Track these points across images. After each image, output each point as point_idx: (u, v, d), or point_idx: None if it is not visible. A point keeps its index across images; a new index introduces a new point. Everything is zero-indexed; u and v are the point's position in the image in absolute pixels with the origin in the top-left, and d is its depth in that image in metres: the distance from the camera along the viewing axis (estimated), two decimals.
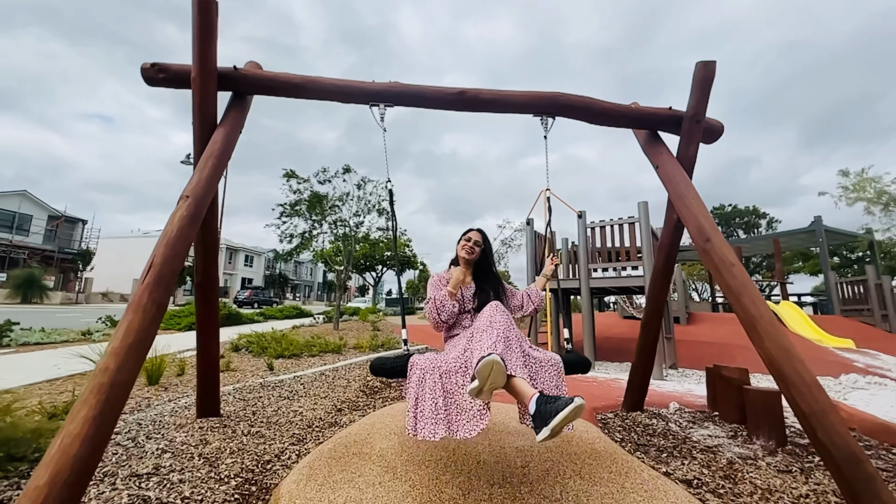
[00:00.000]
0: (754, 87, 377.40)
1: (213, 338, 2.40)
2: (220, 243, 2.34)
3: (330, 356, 5.45)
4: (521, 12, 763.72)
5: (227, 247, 42.53)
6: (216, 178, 1.99)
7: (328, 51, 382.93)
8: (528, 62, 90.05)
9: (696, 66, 2.47)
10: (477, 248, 2.16)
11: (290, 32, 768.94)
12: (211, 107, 2.14)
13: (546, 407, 1.33)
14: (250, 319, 11.84)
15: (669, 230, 2.70)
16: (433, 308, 1.97)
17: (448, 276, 2.16)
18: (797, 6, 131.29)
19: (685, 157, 2.56)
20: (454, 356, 1.68)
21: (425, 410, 1.59)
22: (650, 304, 2.88)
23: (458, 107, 2.44)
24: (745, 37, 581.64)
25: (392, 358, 1.86)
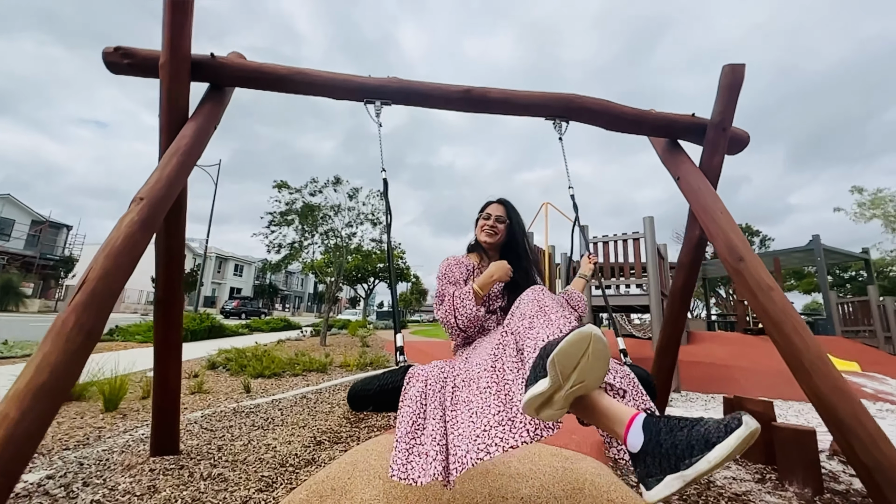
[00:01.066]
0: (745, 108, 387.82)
1: (174, 364, 2.08)
2: (185, 251, 2.04)
3: (314, 375, 5.09)
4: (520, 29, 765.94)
5: (216, 256, 41.78)
6: (181, 178, 1.70)
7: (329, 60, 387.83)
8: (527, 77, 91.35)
9: (722, 70, 2.27)
10: (500, 225, 1.67)
11: (292, 43, 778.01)
12: (182, 98, 1.87)
13: (673, 437, 0.77)
14: (234, 332, 11.36)
15: (690, 247, 2.46)
16: (449, 309, 1.45)
17: (468, 262, 1.64)
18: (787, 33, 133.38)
19: (709, 167, 2.34)
20: (480, 359, 1.18)
21: (424, 440, 1.08)
22: (668, 328, 2.62)
23: (463, 107, 2.20)
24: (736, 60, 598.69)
25: (379, 378, 1.28)
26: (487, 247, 1.70)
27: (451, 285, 1.52)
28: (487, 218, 1.70)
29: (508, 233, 1.69)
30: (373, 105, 2.14)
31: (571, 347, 0.83)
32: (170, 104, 1.84)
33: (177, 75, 1.83)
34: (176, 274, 2.00)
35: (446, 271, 1.58)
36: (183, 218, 1.98)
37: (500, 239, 1.68)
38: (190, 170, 1.77)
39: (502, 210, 1.71)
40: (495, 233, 1.67)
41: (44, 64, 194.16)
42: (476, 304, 1.43)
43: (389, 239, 1.76)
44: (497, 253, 1.72)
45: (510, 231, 1.69)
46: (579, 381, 0.84)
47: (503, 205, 1.73)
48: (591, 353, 0.83)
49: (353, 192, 9.39)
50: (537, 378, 0.89)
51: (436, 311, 1.53)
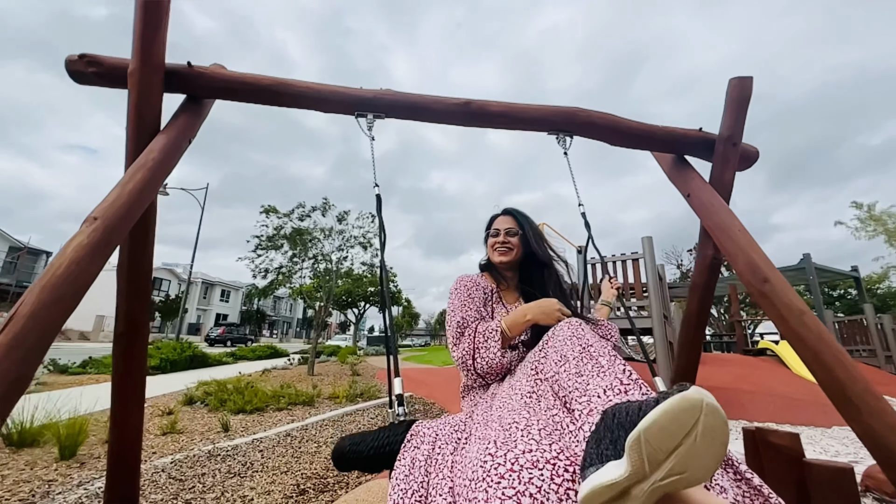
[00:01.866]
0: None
1: (135, 409, 1.82)
2: (152, 278, 1.81)
3: (300, 409, 4.74)
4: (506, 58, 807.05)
5: (202, 281, 40.86)
6: (146, 196, 1.50)
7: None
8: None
9: (729, 83, 2.19)
10: (513, 238, 1.43)
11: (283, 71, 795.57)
12: (152, 109, 1.70)
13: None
14: (218, 361, 10.83)
15: (704, 268, 2.31)
16: (468, 349, 1.17)
17: (485, 284, 1.39)
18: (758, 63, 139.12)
19: (720, 184, 2.22)
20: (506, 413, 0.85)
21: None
22: (684, 355, 2.43)
23: (462, 120, 2.07)
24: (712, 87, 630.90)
25: (374, 436, 1.02)
26: (504, 266, 1.47)
27: (468, 315, 1.25)
28: (496, 234, 1.48)
29: (524, 245, 1.45)
30: (364, 119, 2.00)
31: (671, 421, 0.56)
32: (138, 116, 1.66)
33: (147, 85, 1.66)
34: (140, 305, 1.76)
35: (461, 296, 1.31)
36: (150, 242, 1.76)
37: (517, 255, 1.44)
38: (157, 187, 1.57)
39: (511, 221, 1.49)
40: (510, 249, 1.44)
41: (33, 90, 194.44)
42: (502, 348, 1.16)
43: (383, 258, 1.52)
44: (515, 272, 1.49)
45: (526, 243, 1.45)
46: (676, 473, 0.56)
47: (511, 215, 1.52)
48: (702, 432, 0.55)
49: (342, 215, 9.22)
50: (604, 458, 0.62)
51: (450, 348, 1.25)
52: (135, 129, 1.66)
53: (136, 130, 1.66)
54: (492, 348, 1.15)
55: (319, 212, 9.03)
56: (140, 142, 1.65)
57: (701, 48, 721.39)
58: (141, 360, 1.81)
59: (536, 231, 1.50)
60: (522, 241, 1.45)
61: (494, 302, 1.38)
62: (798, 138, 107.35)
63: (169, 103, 1.82)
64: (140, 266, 1.75)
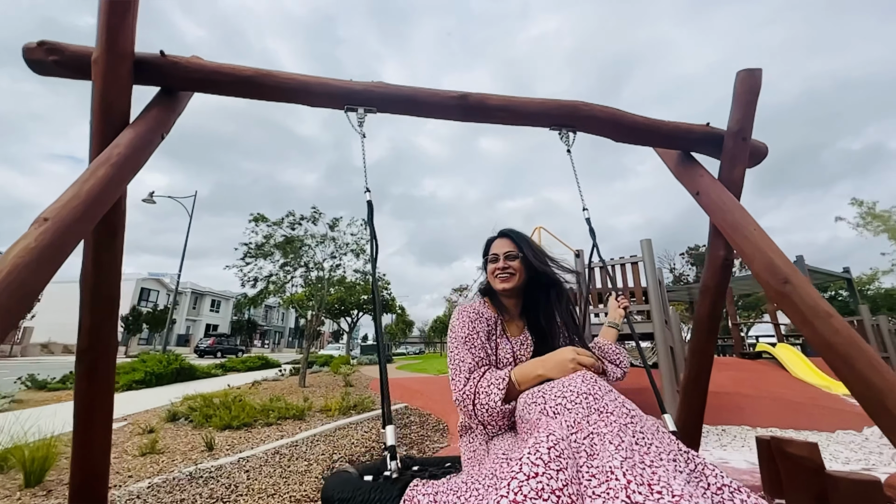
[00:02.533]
0: None
1: (101, 432, 1.63)
2: (120, 290, 1.64)
3: (290, 424, 4.53)
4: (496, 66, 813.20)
5: (192, 291, 40.15)
6: (108, 195, 1.34)
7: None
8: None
9: (737, 76, 2.10)
10: (514, 262, 1.30)
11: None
12: (120, 101, 1.54)
13: None
14: (206, 373, 10.50)
15: (715, 269, 2.19)
16: (468, 394, 1.07)
17: (488, 314, 1.27)
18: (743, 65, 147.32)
19: (730, 181, 2.11)
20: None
21: None
22: (695, 360, 2.31)
23: (459, 115, 1.94)
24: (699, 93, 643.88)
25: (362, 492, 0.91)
26: (507, 294, 1.33)
27: (473, 354, 1.15)
28: (495, 260, 1.34)
29: (527, 269, 1.32)
30: (355, 113, 1.86)
31: None
32: (104, 108, 1.51)
33: (113, 75, 1.51)
34: (105, 317, 1.59)
35: (464, 331, 1.19)
36: (118, 247, 1.59)
37: (519, 280, 1.31)
38: (123, 185, 1.42)
39: (510, 244, 1.35)
40: (512, 274, 1.30)
41: (17, 100, 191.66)
42: (507, 402, 1.03)
43: (375, 270, 1.40)
44: (519, 298, 1.35)
45: (528, 265, 1.31)
46: None
47: (508, 237, 1.38)
48: None
49: (333, 221, 9.04)
50: None
51: (452, 388, 1.13)
52: (100, 122, 1.51)
53: (102, 124, 1.51)
54: (494, 397, 1.03)
55: (310, 222, 8.85)
56: (105, 136, 1.49)
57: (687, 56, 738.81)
58: (108, 380, 1.63)
59: (537, 249, 1.38)
60: (524, 264, 1.32)
61: (498, 335, 1.27)
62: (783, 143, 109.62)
63: (143, 97, 1.67)
64: (106, 274, 1.58)
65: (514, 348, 1.25)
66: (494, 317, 1.30)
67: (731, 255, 2.15)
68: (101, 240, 1.53)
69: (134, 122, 1.56)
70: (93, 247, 1.53)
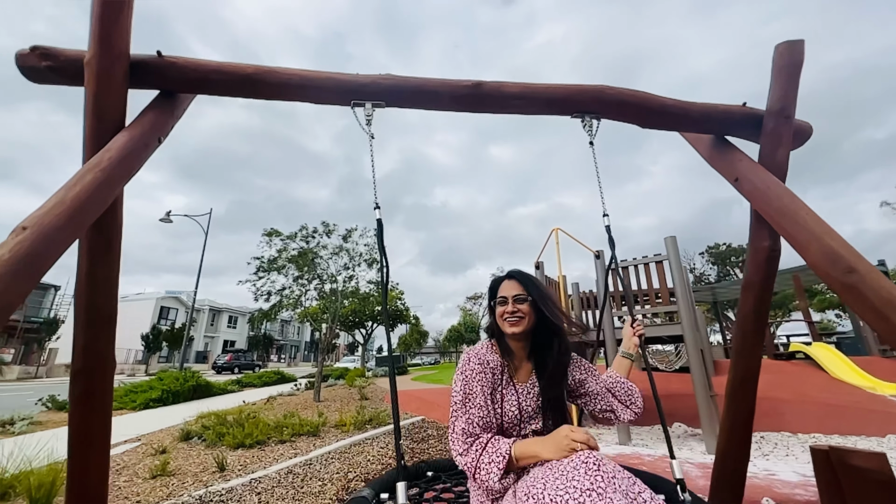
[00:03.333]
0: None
1: (97, 459, 1.52)
2: (117, 305, 1.53)
3: (304, 441, 4.39)
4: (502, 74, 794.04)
5: (210, 308, 40.71)
6: (98, 202, 1.24)
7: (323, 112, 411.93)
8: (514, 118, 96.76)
9: (776, 50, 1.93)
10: (523, 305, 1.26)
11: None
12: (114, 104, 1.45)
13: None
14: (223, 390, 10.47)
15: (760, 262, 1.99)
16: (471, 464, 1.09)
17: (493, 361, 1.25)
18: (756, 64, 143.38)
19: (772, 165, 1.93)
20: None
21: None
22: (741, 363, 2.09)
23: (473, 105, 1.81)
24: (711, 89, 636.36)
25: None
26: (515, 337, 1.29)
27: (474, 417, 1.16)
28: (504, 303, 1.29)
29: (536, 312, 1.27)
30: (362, 108, 1.75)
31: None
32: (97, 112, 1.42)
33: (107, 75, 1.42)
34: (101, 336, 1.48)
35: (468, 386, 1.20)
36: (113, 259, 1.49)
37: (529, 323, 1.26)
38: (115, 190, 1.31)
39: (518, 287, 1.29)
40: (521, 318, 1.26)
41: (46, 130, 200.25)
42: (505, 475, 1.06)
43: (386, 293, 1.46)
44: (527, 341, 1.31)
45: (537, 309, 1.27)
46: None
47: (516, 279, 1.32)
48: None
49: (346, 232, 8.99)
50: None
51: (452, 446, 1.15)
52: (93, 127, 1.42)
53: (95, 129, 1.42)
54: (493, 476, 1.06)
55: (323, 235, 8.82)
56: (99, 142, 1.40)
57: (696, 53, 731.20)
58: (104, 404, 1.51)
59: (546, 293, 1.31)
60: (533, 307, 1.28)
61: (504, 385, 1.25)
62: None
63: (143, 102, 1.58)
64: (102, 289, 1.47)
65: (520, 399, 1.23)
66: (501, 364, 1.27)
67: (778, 245, 1.95)
68: (94, 253, 1.43)
69: (129, 125, 1.47)
70: (86, 260, 1.43)
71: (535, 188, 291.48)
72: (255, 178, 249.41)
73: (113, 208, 1.42)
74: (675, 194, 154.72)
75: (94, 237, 1.41)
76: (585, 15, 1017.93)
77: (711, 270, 32.78)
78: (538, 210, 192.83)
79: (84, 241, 1.42)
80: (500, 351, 1.30)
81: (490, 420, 1.18)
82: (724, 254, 32.85)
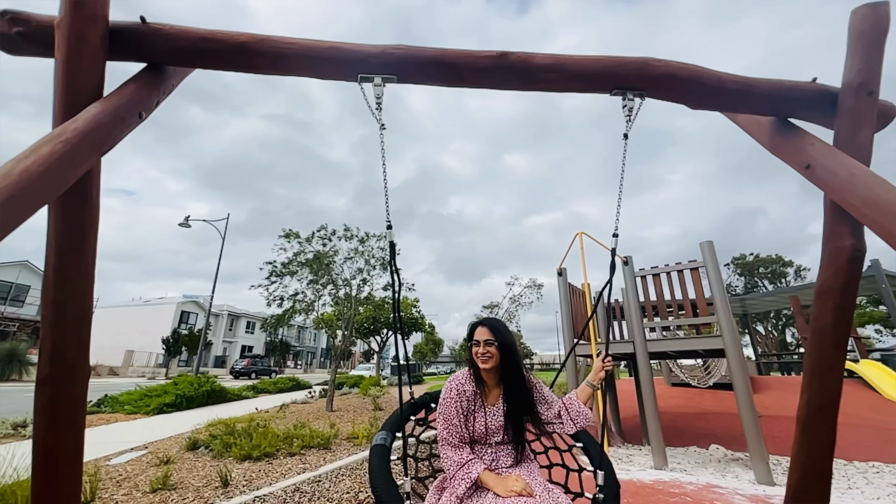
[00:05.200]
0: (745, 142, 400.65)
1: (67, 483, 1.31)
2: (92, 305, 1.34)
3: (314, 454, 4.15)
4: None
5: (228, 313, 41.37)
6: (57, 180, 1.05)
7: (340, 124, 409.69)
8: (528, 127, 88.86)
9: (854, 14, 1.65)
10: (491, 348, 1.61)
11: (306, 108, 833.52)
12: (88, 72, 1.28)
13: None
14: (237, 395, 10.38)
15: (840, 265, 1.67)
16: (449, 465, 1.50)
17: (469, 389, 1.61)
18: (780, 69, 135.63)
19: (853, 149, 1.62)
20: None
21: None
22: (819, 383, 1.76)
23: (497, 80, 1.58)
24: None
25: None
26: (486, 371, 1.64)
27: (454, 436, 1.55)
28: (478, 345, 1.64)
29: (502, 352, 1.63)
30: (370, 83, 1.54)
31: None
32: (68, 82, 1.25)
33: (80, 40, 1.25)
34: (71, 339, 1.29)
35: (450, 410, 1.58)
36: (87, 250, 1.30)
37: (496, 361, 1.63)
38: (78, 167, 1.12)
39: (488, 333, 1.65)
40: (490, 357, 1.62)
41: None
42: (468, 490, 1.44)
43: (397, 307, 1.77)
44: (497, 373, 1.67)
45: (502, 350, 1.62)
46: None
47: (487, 326, 1.67)
48: None
49: (364, 236, 8.83)
50: None
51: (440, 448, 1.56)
52: (64, 98, 1.24)
53: (66, 100, 1.24)
54: (460, 488, 1.44)
55: (342, 238, 8.68)
56: (69, 108, 1.22)
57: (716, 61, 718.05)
58: (75, 416, 1.31)
59: (510, 341, 1.65)
60: (500, 350, 1.62)
61: (476, 409, 1.60)
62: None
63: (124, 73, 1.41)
64: (72, 286, 1.28)
65: (487, 419, 1.59)
66: (475, 392, 1.62)
67: (863, 243, 1.63)
68: (62, 242, 1.25)
69: (105, 97, 1.29)
70: (54, 250, 1.24)
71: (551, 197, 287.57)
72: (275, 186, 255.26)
73: (83, 189, 1.24)
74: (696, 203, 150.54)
75: (60, 222, 1.23)
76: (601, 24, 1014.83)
77: (738, 281, 31.44)
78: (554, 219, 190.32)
79: (51, 228, 1.24)
80: (475, 380, 1.64)
81: (463, 435, 1.57)
82: (751, 265, 31.48)
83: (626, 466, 4.05)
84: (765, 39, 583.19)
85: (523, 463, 1.59)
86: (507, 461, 1.57)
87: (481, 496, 1.41)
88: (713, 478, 3.67)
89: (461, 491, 1.42)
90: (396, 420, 1.79)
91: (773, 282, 30.21)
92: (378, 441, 1.69)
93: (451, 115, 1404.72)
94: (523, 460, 1.60)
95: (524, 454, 1.62)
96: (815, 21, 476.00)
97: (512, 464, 1.57)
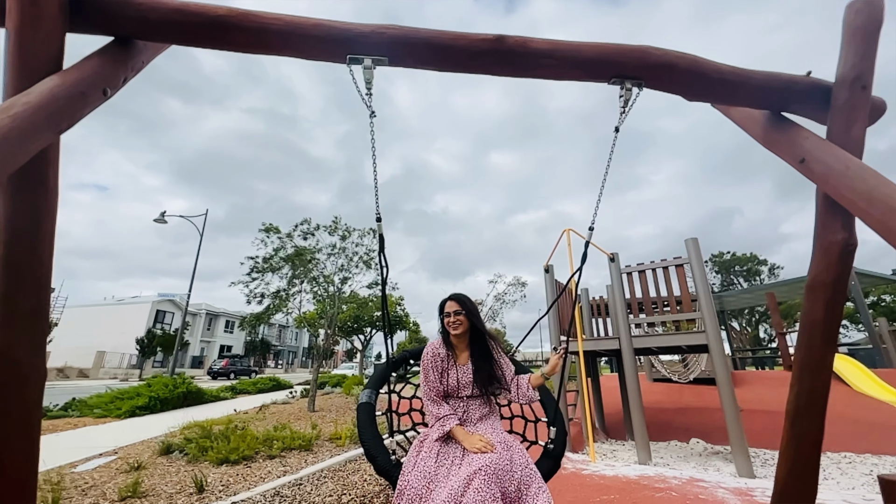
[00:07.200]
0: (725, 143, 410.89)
1: (21, 501, 1.18)
2: (50, 303, 1.21)
3: (296, 456, 4.03)
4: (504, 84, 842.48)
5: (206, 312, 40.22)
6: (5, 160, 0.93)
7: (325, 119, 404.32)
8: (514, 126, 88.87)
9: (848, 8, 1.65)
10: (460, 317, 1.90)
11: (290, 103, 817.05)
12: (44, 43, 1.15)
13: None
14: (215, 396, 10.06)
15: (831, 259, 1.67)
16: (430, 420, 1.81)
17: (443, 353, 1.89)
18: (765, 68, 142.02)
19: (846, 143, 1.62)
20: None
21: None
22: (809, 378, 1.76)
23: (493, 65, 1.51)
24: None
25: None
26: (456, 337, 1.91)
27: (433, 391, 1.83)
28: (448, 315, 1.91)
29: (469, 320, 1.91)
30: (360, 65, 1.45)
31: None
32: (21, 53, 1.12)
33: (35, 9, 1.12)
34: (22, 339, 1.16)
35: (428, 372, 1.85)
36: (42, 238, 1.17)
37: (464, 328, 1.90)
38: (29, 145, 1.00)
39: (456, 305, 1.92)
40: (459, 324, 1.89)
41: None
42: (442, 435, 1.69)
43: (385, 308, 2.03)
44: (465, 338, 1.93)
45: (469, 317, 1.91)
46: None
47: (455, 300, 1.95)
48: None
49: (345, 232, 8.66)
50: None
51: (423, 394, 1.86)
52: (16, 71, 1.11)
53: (19, 74, 1.11)
54: (435, 433, 1.69)
55: (326, 231, 8.50)
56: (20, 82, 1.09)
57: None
58: (28, 425, 1.19)
59: (475, 309, 1.96)
60: (467, 318, 1.90)
61: (449, 367, 1.87)
62: None
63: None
64: (24, 278, 1.15)
65: (459, 375, 1.84)
66: (447, 354, 1.89)
67: (854, 237, 1.64)
68: (14, 231, 1.12)
69: (64, 70, 1.16)
70: (4, 242, 1.11)
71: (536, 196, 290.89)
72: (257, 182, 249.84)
73: (38, 170, 1.11)
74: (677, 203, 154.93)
75: (11, 207, 1.10)
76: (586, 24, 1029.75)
77: (715, 279, 32.39)
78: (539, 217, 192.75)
79: (0, 213, 1.11)
80: (446, 346, 1.91)
81: (440, 389, 1.83)
82: (727, 263, 32.46)
83: (610, 462, 4.06)
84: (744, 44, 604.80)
85: (490, 417, 1.82)
86: (475, 413, 1.79)
87: (452, 447, 1.65)
88: (696, 472, 3.72)
89: (435, 437, 1.66)
90: (379, 378, 2.05)
91: (748, 279, 31.25)
92: (364, 399, 1.93)
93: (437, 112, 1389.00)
94: (489, 414, 1.84)
95: (491, 407, 1.88)
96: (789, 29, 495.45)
97: (480, 416, 1.79)
